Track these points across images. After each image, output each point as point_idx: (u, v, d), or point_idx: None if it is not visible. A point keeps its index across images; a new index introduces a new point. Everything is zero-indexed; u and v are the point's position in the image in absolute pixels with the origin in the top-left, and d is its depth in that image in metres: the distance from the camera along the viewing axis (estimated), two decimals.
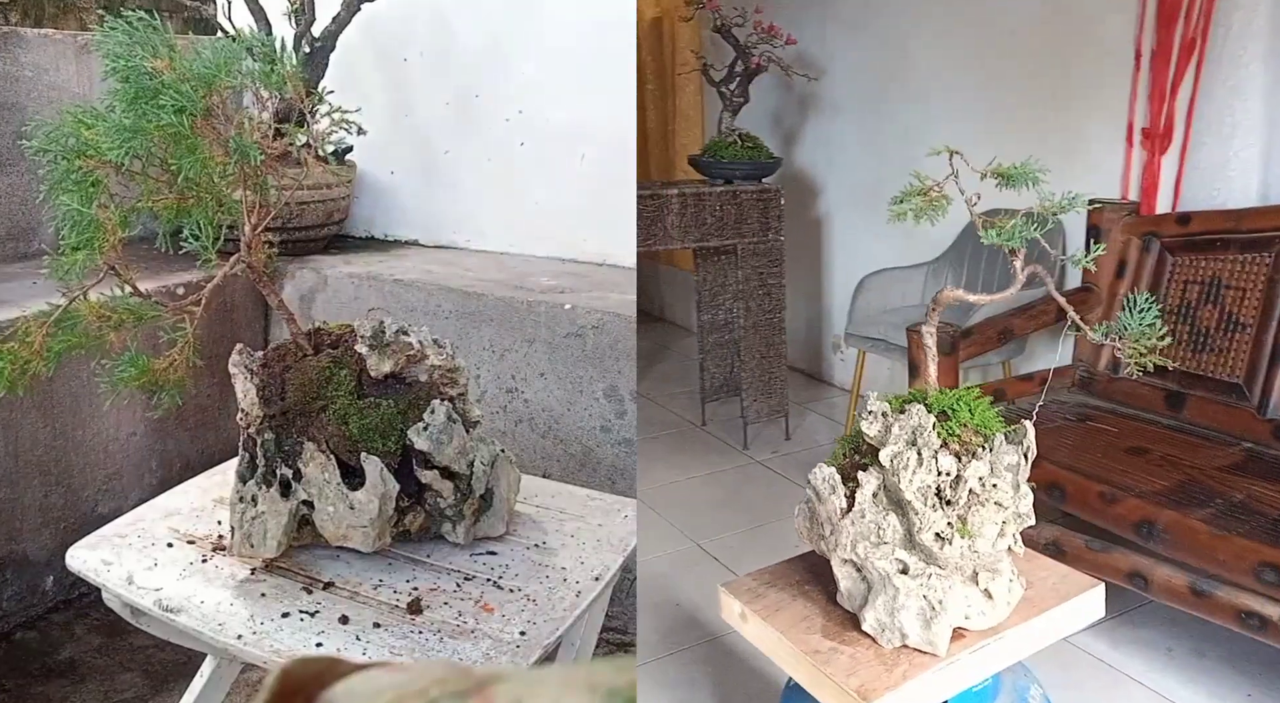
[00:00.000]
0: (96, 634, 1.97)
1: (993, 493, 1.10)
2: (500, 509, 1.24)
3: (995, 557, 1.12)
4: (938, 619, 1.09)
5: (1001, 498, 1.09)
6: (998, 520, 1.09)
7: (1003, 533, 1.11)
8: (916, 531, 1.08)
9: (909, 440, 1.10)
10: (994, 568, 1.13)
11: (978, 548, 1.08)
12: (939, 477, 1.09)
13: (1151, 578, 1.74)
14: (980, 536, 1.08)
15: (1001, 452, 1.11)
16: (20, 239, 2.30)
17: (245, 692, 1.67)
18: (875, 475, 1.11)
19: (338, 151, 2.47)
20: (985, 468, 1.09)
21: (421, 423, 1.17)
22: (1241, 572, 1.58)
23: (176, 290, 2.05)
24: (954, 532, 1.08)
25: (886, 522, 1.10)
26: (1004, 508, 1.10)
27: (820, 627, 1.16)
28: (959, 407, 1.14)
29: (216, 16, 2.76)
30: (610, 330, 2.05)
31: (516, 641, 1.06)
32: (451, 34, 2.61)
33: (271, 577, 1.15)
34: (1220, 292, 2.21)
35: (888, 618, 1.11)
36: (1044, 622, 1.17)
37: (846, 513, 1.11)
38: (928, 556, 1.09)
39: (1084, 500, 1.86)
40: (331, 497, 1.14)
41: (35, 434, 1.92)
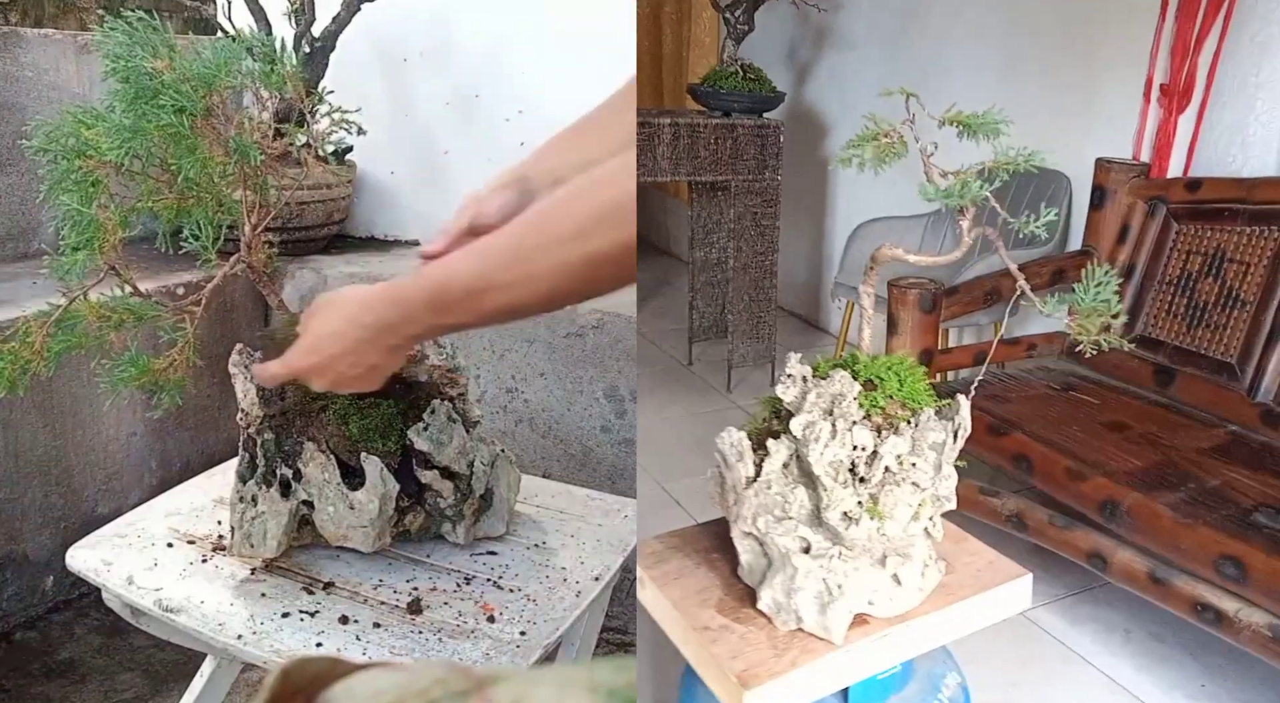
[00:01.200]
0: (96, 634, 1.97)
1: (910, 473, 1.01)
2: (500, 509, 1.24)
3: (907, 541, 1.04)
4: (835, 604, 1.01)
5: (920, 478, 1.01)
6: (912, 502, 1.02)
7: (917, 516, 1.03)
8: (824, 507, 1.00)
9: (826, 410, 1.02)
10: (905, 552, 1.05)
11: (886, 531, 1.01)
12: (854, 451, 1.01)
13: (1111, 560, 1.70)
14: (891, 517, 1.01)
15: (927, 428, 1.03)
16: (20, 239, 2.30)
17: (245, 692, 1.67)
18: (786, 445, 1.03)
19: (338, 151, 2.47)
20: (905, 445, 1.01)
21: (421, 423, 1.18)
22: (1201, 562, 1.54)
23: (176, 290, 2.05)
24: (863, 512, 1.00)
25: (794, 496, 1.02)
26: (921, 489, 1.02)
27: (717, 601, 1.08)
28: (887, 376, 1.06)
29: (216, 16, 2.76)
30: (610, 330, 2.05)
31: (516, 641, 1.06)
32: (451, 34, 2.61)
33: (271, 577, 1.15)
34: (1223, 265, 2.10)
35: (784, 598, 1.03)
36: (960, 611, 1.10)
37: (752, 483, 1.04)
38: (833, 535, 1.02)
39: (1050, 475, 1.81)
40: (331, 497, 1.14)
41: (35, 434, 1.92)
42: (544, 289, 0.87)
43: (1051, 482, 1.82)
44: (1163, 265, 2.23)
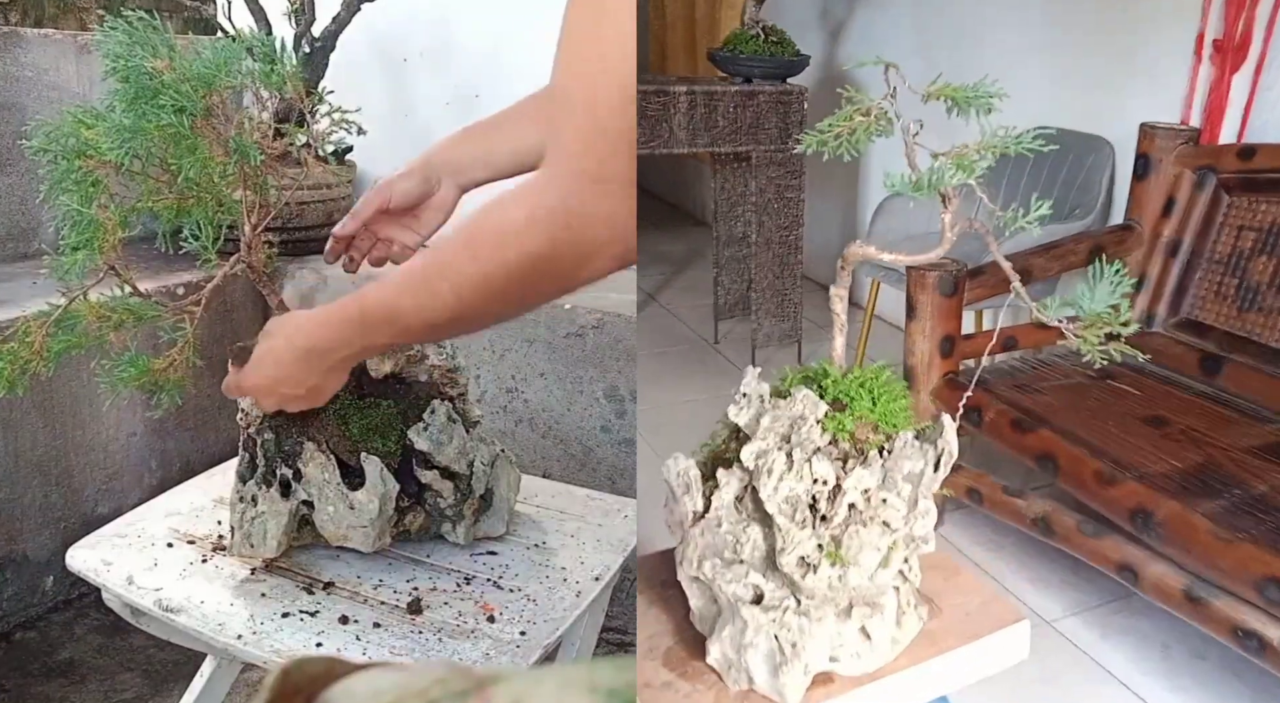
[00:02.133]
0: (96, 634, 1.97)
1: (880, 510, 0.87)
2: (500, 509, 1.24)
3: (876, 590, 0.89)
4: (789, 666, 0.87)
5: (891, 517, 0.87)
6: (881, 545, 0.87)
7: (887, 562, 0.88)
8: (779, 551, 0.86)
9: (784, 435, 0.88)
10: (874, 602, 0.90)
11: (849, 580, 0.86)
12: (815, 485, 0.86)
13: (1143, 574, 1.56)
14: (855, 564, 0.86)
15: (902, 456, 0.88)
16: (20, 239, 2.29)
17: (245, 692, 1.67)
18: (738, 477, 0.89)
19: (338, 152, 2.47)
20: (873, 478, 0.87)
21: (421, 423, 1.18)
22: (1243, 583, 1.39)
23: (176, 290, 2.05)
24: (823, 556, 0.86)
25: (746, 536, 0.88)
26: (892, 530, 0.87)
27: (665, 651, 0.95)
28: (858, 394, 0.91)
29: (216, 16, 2.76)
30: (610, 330, 2.05)
31: (516, 641, 1.06)
32: (451, 34, 2.61)
33: (271, 577, 1.15)
34: (1279, 242, 1.92)
35: (734, 654, 0.89)
36: (943, 665, 0.95)
37: (699, 520, 0.90)
38: (789, 583, 0.87)
39: (1078, 477, 1.66)
40: (331, 497, 1.14)
41: (35, 434, 1.92)
42: (450, 306, 0.90)
43: (1079, 485, 1.67)
44: (1211, 242, 2.06)
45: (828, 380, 0.93)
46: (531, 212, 0.84)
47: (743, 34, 2.74)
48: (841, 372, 0.94)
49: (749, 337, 3.01)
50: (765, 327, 2.90)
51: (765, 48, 2.71)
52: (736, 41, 2.74)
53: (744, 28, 2.74)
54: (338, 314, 1.00)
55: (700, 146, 2.67)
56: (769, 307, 2.89)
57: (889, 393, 0.92)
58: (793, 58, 2.75)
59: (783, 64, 2.72)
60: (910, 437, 0.90)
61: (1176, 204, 2.12)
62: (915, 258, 0.94)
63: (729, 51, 2.74)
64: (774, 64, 2.71)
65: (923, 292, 1.94)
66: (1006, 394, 1.95)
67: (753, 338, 2.90)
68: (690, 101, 2.58)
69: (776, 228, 2.82)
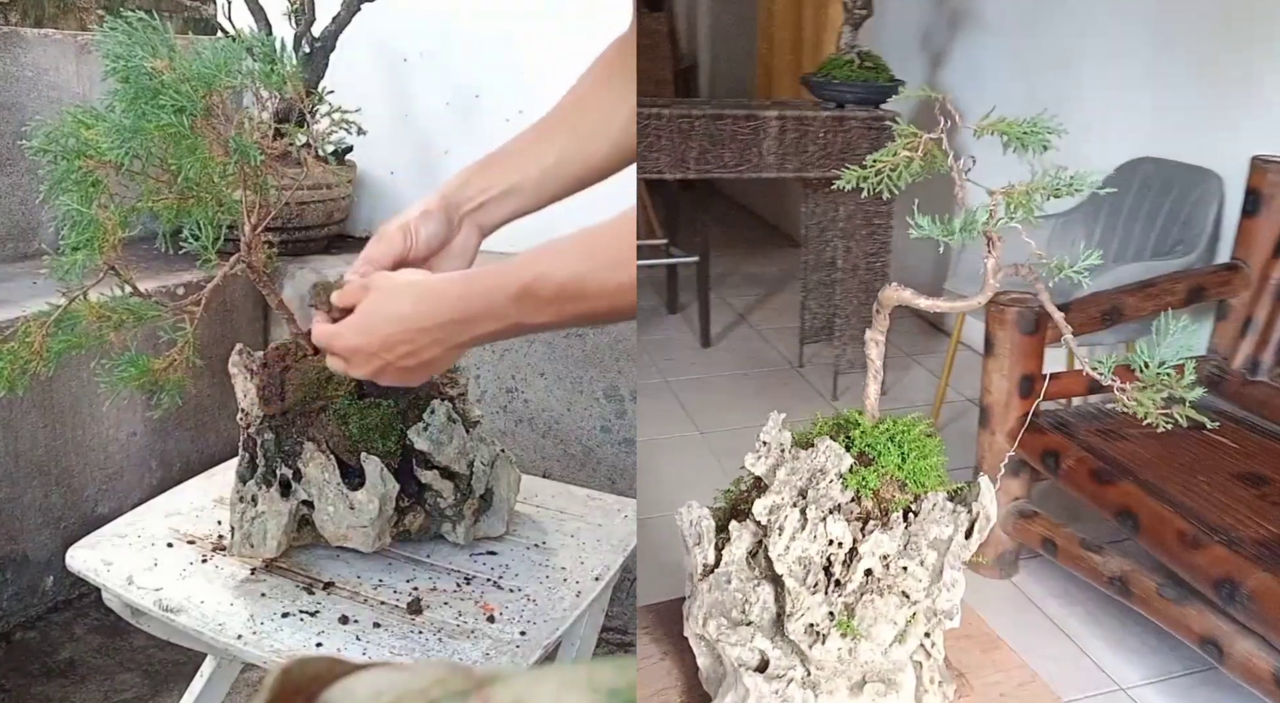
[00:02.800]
0: (96, 634, 1.97)
1: (899, 579, 0.80)
2: (500, 509, 1.25)
3: (891, 666, 0.82)
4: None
5: (910, 587, 0.80)
6: (899, 618, 0.80)
7: (904, 637, 0.81)
8: (787, 615, 0.80)
9: (800, 490, 0.82)
10: (889, 679, 0.83)
11: (860, 654, 0.80)
12: (830, 546, 0.80)
13: (1229, 649, 1.43)
14: (868, 636, 0.79)
15: (929, 520, 0.81)
16: (20, 239, 2.29)
17: (245, 692, 1.67)
18: (752, 531, 0.83)
19: (338, 152, 2.47)
20: (894, 543, 0.80)
21: (421, 423, 1.17)
22: None
23: (176, 290, 2.05)
24: (833, 626, 0.79)
25: (756, 595, 0.81)
26: (911, 602, 0.80)
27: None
28: (885, 448, 0.84)
29: (216, 16, 2.76)
30: (610, 330, 2.05)
31: (516, 641, 1.06)
32: (451, 34, 2.61)
33: (271, 577, 1.15)
34: None
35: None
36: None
37: (708, 574, 0.84)
38: (797, 652, 0.81)
39: (1159, 538, 1.53)
40: (331, 497, 1.14)
41: (35, 434, 1.92)
42: (625, 301, 0.84)
43: (1161, 547, 1.54)
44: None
45: (856, 431, 0.86)
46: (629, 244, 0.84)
47: (837, 59, 2.73)
48: (873, 421, 0.87)
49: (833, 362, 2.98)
50: (849, 353, 2.87)
51: (859, 73, 2.69)
52: (831, 67, 2.73)
53: (839, 53, 2.73)
54: (500, 282, 0.88)
55: (789, 171, 2.66)
56: (853, 333, 2.85)
57: (920, 448, 0.85)
58: (887, 83, 2.72)
59: (875, 89, 2.69)
60: (941, 498, 0.82)
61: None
62: (955, 305, 0.88)
63: (822, 77, 2.72)
64: (867, 89, 2.68)
65: (1001, 328, 1.86)
66: (1089, 440, 1.84)
67: (835, 364, 2.88)
68: (781, 126, 2.59)
69: (864, 254, 2.80)
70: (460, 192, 1.07)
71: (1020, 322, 1.85)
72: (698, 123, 2.62)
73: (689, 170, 2.69)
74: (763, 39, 4.98)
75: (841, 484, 0.83)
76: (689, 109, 2.64)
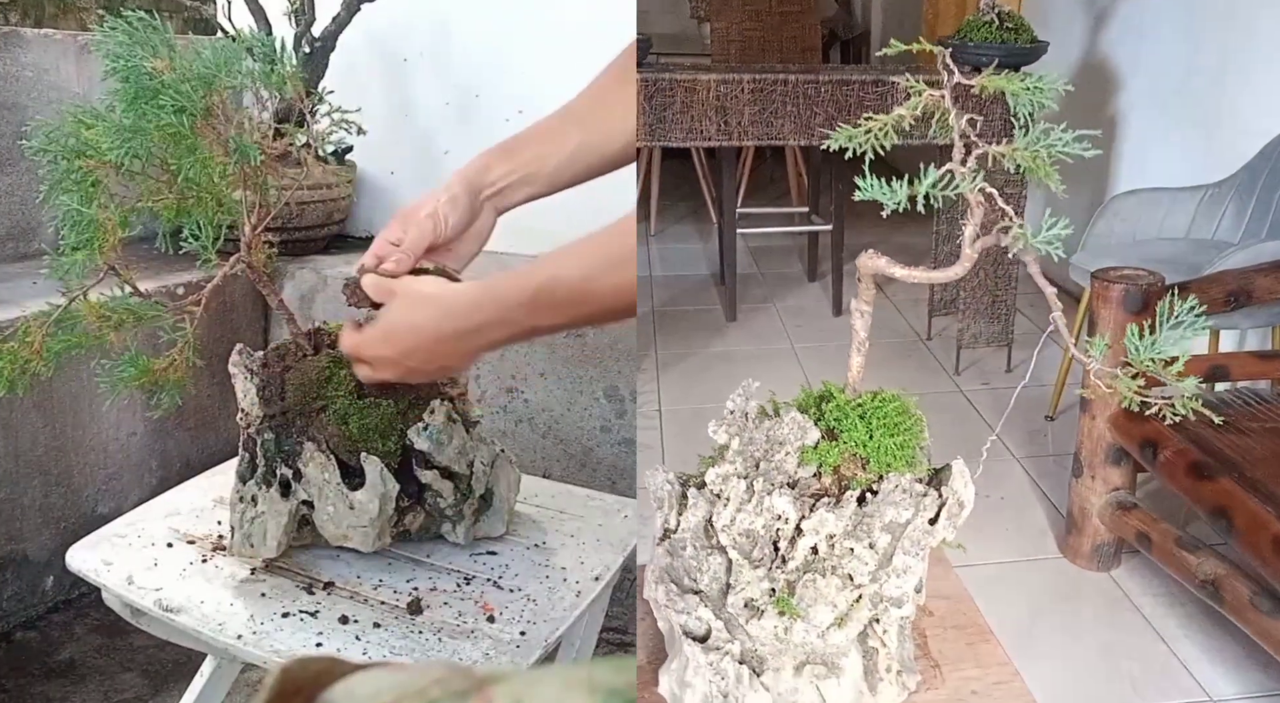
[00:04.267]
0: (96, 634, 1.97)
1: (843, 561, 0.76)
2: (500, 509, 1.25)
3: (833, 649, 0.79)
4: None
5: (856, 570, 0.76)
6: (839, 601, 0.76)
7: (843, 621, 0.77)
8: (729, 589, 0.78)
9: (755, 462, 0.80)
10: (830, 662, 0.79)
11: (794, 634, 0.76)
12: (777, 521, 0.77)
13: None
14: (805, 617, 0.76)
15: (886, 502, 0.77)
16: (20, 239, 2.29)
17: (245, 692, 1.67)
18: (707, 500, 0.81)
19: (338, 152, 2.47)
20: (840, 522, 0.76)
21: (421, 423, 1.17)
22: None
23: (176, 290, 2.05)
24: (771, 603, 0.76)
25: (707, 565, 0.79)
26: (855, 585, 0.77)
27: (637, 665, 0.89)
28: (852, 423, 0.80)
29: (216, 16, 2.76)
30: (610, 330, 2.05)
31: (516, 641, 1.06)
32: (451, 34, 2.61)
33: (271, 577, 1.15)
34: None
35: (678, 690, 0.82)
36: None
37: (663, 540, 0.82)
38: (737, 626, 0.79)
39: (1254, 542, 1.42)
40: (331, 497, 1.14)
41: (35, 434, 1.92)
42: (626, 301, 0.87)
43: (1254, 551, 1.43)
44: None
45: (830, 405, 0.83)
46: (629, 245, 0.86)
47: (975, 20, 2.56)
48: (852, 396, 0.84)
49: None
50: (973, 327, 2.78)
51: (998, 34, 2.51)
52: (968, 29, 2.57)
53: (978, 14, 2.56)
54: (510, 290, 0.92)
55: (915, 139, 2.64)
56: (979, 306, 2.77)
57: (889, 425, 0.81)
58: (1028, 45, 2.53)
59: (1015, 52, 2.50)
60: (905, 480, 0.79)
61: None
62: (931, 275, 0.82)
63: (958, 39, 2.58)
64: (1005, 52, 2.49)
65: (1105, 306, 1.74)
66: (1193, 431, 1.70)
67: (958, 338, 2.80)
68: (909, 91, 2.55)
69: (992, 224, 2.76)
70: (482, 176, 1.10)
71: (1126, 299, 1.71)
72: (824, 88, 2.56)
73: (812, 137, 2.61)
74: (929, 5, 4.84)
75: (800, 459, 0.80)
76: (814, 75, 2.58)
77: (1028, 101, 0.74)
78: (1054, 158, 0.73)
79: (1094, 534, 1.97)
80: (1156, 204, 2.50)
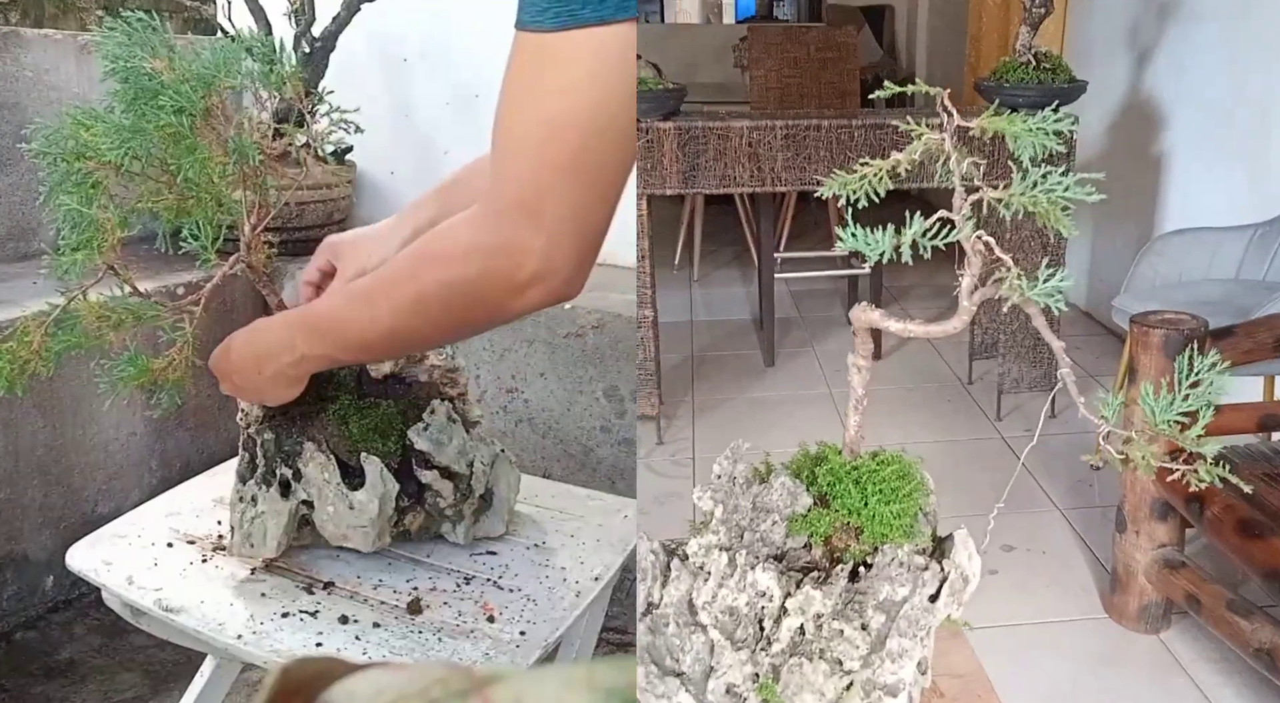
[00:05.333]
0: (96, 634, 1.97)
1: (833, 643, 0.70)
2: (500, 509, 1.25)
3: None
4: None
5: (846, 654, 0.70)
6: (827, 689, 0.69)
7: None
8: (711, 672, 0.72)
9: (739, 531, 0.73)
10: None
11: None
12: (761, 597, 0.70)
13: None
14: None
15: (881, 577, 0.71)
16: (20, 239, 2.29)
17: (245, 692, 1.67)
18: (690, 573, 0.75)
19: (337, 152, 2.47)
20: (828, 601, 0.70)
21: (421, 423, 1.17)
22: None
23: (176, 290, 2.05)
24: (754, 690, 0.70)
25: (689, 645, 0.72)
26: (843, 672, 0.70)
27: None
28: (846, 488, 0.73)
29: (216, 17, 2.76)
30: (610, 330, 2.05)
31: (516, 641, 1.06)
32: (451, 34, 2.61)
33: (271, 577, 1.15)
34: None
35: None
36: None
37: (647, 614, 0.76)
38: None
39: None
40: (331, 497, 1.14)
41: (35, 434, 1.92)
42: (386, 324, 0.95)
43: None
44: None
45: (823, 468, 0.76)
46: (470, 239, 0.88)
47: (1011, 62, 2.55)
48: (850, 457, 0.77)
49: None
50: (1014, 371, 2.72)
51: (1035, 75, 2.49)
52: (1004, 70, 2.55)
53: (1015, 54, 2.55)
54: (287, 319, 1.06)
55: (952, 180, 2.60)
56: (1020, 350, 2.71)
57: (888, 492, 0.73)
58: (1067, 83, 2.50)
59: (1052, 92, 2.45)
60: (902, 552, 0.71)
61: None
62: (929, 329, 0.76)
63: (994, 81, 2.56)
64: (1041, 92, 2.46)
65: (1145, 352, 1.63)
66: (1252, 483, 1.48)
67: (999, 383, 2.72)
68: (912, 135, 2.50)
69: (1032, 265, 2.69)
70: (424, 215, 1.20)
71: (1167, 345, 1.60)
72: (857, 133, 2.55)
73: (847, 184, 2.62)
74: (972, 47, 4.78)
75: (788, 528, 0.73)
76: (848, 120, 2.58)
77: (1029, 143, 0.70)
78: (1056, 204, 0.69)
79: (1140, 594, 1.84)
80: (1203, 244, 2.41)
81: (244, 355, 1.07)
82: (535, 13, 0.78)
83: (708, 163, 2.53)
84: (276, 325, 1.07)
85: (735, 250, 4.52)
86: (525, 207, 0.83)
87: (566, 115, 0.80)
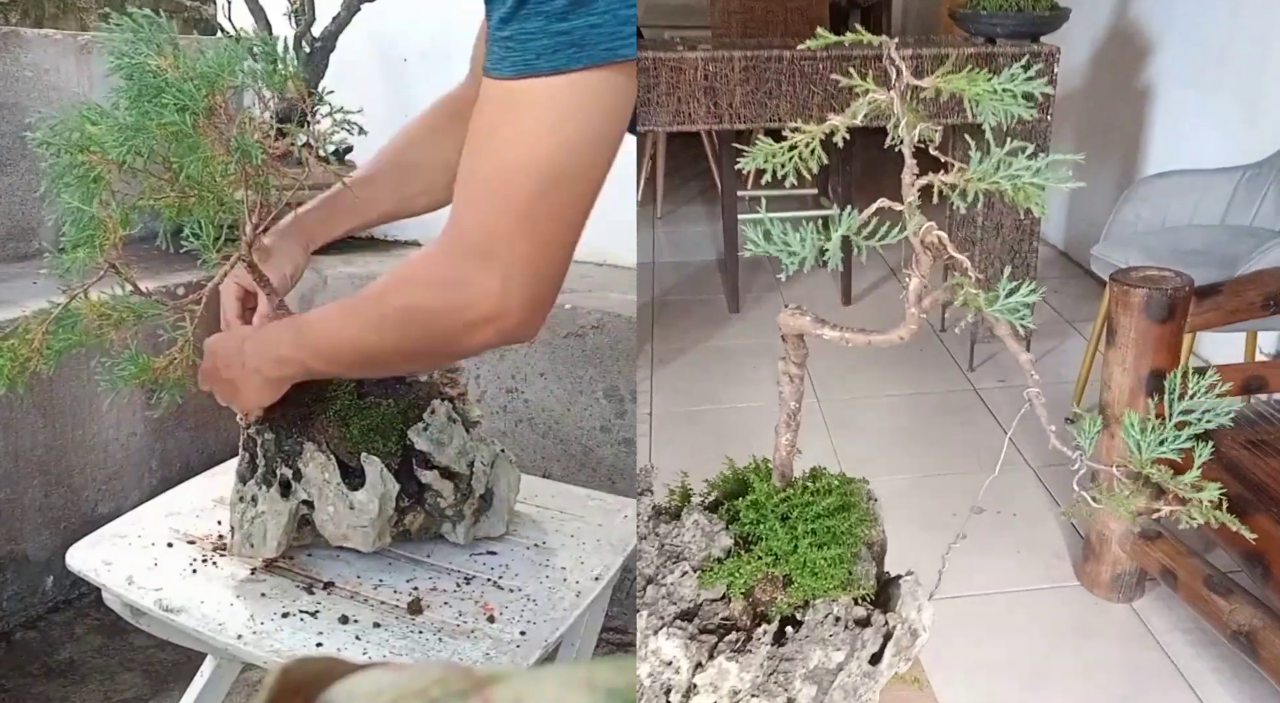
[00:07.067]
0: (96, 634, 1.97)
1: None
2: (500, 509, 1.24)
3: None
4: None
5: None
6: None
7: None
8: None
9: (644, 581, 0.60)
10: None
11: None
12: (667, 667, 0.57)
13: None
14: None
15: (811, 639, 0.57)
16: (20, 239, 2.29)
17: (245, 692, 1.67)
18: None
19: (338, 152, 2.47)
20: (744, 675, 0.56)
21: (421, 423, 1.17)
22: None
23: (177, 290, 2.05)
24: None
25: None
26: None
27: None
28: (771, 527, 0.59)
29: (216, 16, 2.76)
30: (610, 330, 2.05)
31: (516, 641, 1.06)
32: (451, 34, 2.60)
33: (271, 577, 1.15)
34: None
35: None
36: None
37: None
38: None
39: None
40: (332, 497, 1.14)
41: (35, 434, 1.92)
42: (354, 339, 0.99)
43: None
44: None
45: (744, 501, 0.61)
46: (428, 271, 0.91)
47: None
48: (781, 484, 0.63)
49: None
50: (986, 320, 2.70)
51: (1014, 2, 2.31)
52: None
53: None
54: (278, 324, 1.10)
55: (924, 116, 2.51)
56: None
57: (820, 531, 0.59)
58: (1047, 11, 2.31)
59: (1031, 20, 2.28)
60: (838, 608, 0.58)
61: None
62: (871, 338, 0.67)
63: (970, 8, 2.37)
64: (1020, 21, 2.28)
65: (1125, 313, 1.53)
66: (1231, 455, 1.50)
67: (971, 332, 2.55)
68: (916, 66, 2.18)
69: (1007, 210, 2.40)
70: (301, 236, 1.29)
71: (1149, 306, 1.50)
72: (822, 66, 2.31)
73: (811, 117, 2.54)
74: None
75: (701, 579, 0.59)
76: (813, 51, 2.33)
77: (994, 107, 0.57)
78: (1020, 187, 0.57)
79: (1114, 562, 1.77)
80: (1189, 187, 2.26)
81: (223, 355, 1.11)
82: (495, 60, 0.80)
83: (660, 98, 2.31)
84: (274, 325, 1.11)
85: (703, 185, 4.16)
86: (480, 250, 0.84)
87: (523, 162, 0.81)
